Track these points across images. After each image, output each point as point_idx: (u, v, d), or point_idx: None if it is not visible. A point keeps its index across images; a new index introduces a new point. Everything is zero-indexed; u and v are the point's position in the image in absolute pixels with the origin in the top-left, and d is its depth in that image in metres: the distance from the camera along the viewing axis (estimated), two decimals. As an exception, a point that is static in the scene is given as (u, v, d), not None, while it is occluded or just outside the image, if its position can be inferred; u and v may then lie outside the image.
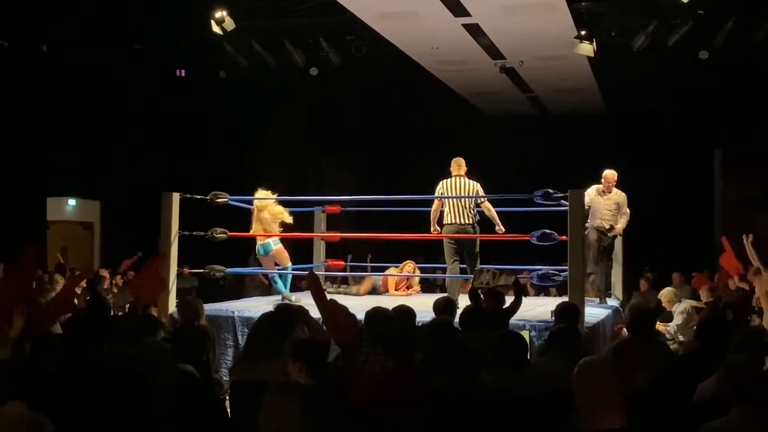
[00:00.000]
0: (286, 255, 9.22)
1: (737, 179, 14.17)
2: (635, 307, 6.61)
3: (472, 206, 8.59)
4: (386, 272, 10.48)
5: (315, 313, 5.70)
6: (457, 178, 8.64)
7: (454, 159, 8.79)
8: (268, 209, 9.04)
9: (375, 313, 5.36)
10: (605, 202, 9.58)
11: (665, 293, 9.71)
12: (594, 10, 10.58)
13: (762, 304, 8.70)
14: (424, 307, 6.71)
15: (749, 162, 13.82)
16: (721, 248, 10.15)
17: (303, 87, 13.25)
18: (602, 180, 9.61)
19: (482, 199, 8.66)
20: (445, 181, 8.66)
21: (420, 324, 5.83)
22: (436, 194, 8.65)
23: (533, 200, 8.53)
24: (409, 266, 10.34)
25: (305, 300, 8.81)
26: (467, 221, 8.53)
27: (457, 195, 8.53)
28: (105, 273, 11.24)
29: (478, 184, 8.64)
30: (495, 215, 8.80)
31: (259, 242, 9.13)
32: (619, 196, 9.65)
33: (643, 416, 2.83)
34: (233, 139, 14.56)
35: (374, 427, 3.79)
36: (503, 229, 8.87)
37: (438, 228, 8.74)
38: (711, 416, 3.64)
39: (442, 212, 8.64)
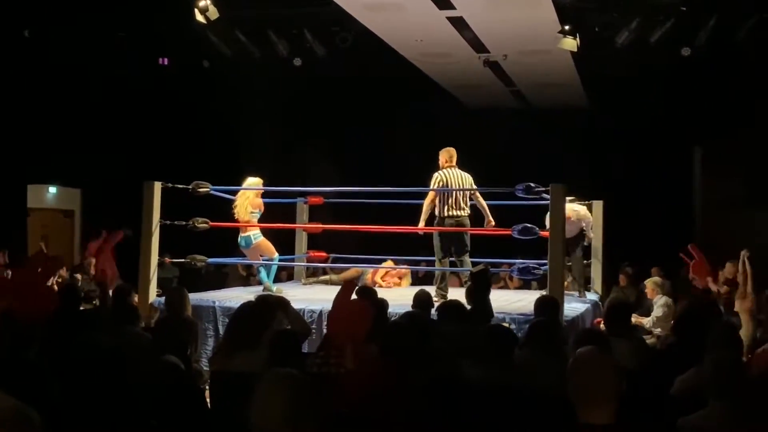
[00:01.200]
0: (270, 247, 9.18)
1: (717, 176, 14.26)
2: (611, 301, 6.68)
3: (467, 197, 8.58)
4: (383, 265, 10.41)
5: (297, 304, 5.71)
6: (451, 169, 8.60)
7: (446, 149, 8.72)
8: (250, 200, 9.01)
9: None
10: None
11: (650, 282, 9.80)
12: (578, 5, 10.61)
13: (742, 319, 8.88)
14: (405, 299, 6.75)
15: (729, 159, 13.91)
16: (690, 256, 10.26)
17: (287, 77, 13.22)
18: None
19: (475, 190, 8.65)
20: (441, 172, 8.59)
21: (392, 317, 5.85)
22: (434, 185, 8.56)
23: (514, 194, 8.58)
24: (389, 263, 10.32)
25: (287, 291, 8.85)
26: (462, 213, 8.52)
27: (455, 186, 8.48)
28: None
29: (470, 176, 8.63)
30: (486, 207, 8.81)
31: (240, 234, 9.11)
32: None
33: (630, 412, 2.84)
34: (216, 128, 14.52)
35: (357, 422, 3.81)
36: (493, 222, 8.86)
37: (426, 223, 8.66)
38: (688, 410, 3.69)
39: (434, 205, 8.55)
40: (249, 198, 9.00)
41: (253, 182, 9.15)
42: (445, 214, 8.50)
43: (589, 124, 14.70)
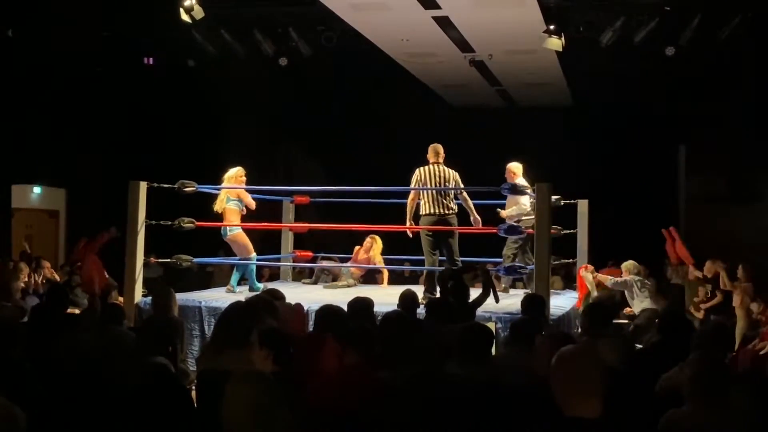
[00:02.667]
0: (247, 243, 8.96)
1: (701, 174, 14.35)
2: (591, 302, 6.72)
3: (451, 195, 8.37)
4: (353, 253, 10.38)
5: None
6: (435, 165, 8.39)
7: (432, 145, 8.55)
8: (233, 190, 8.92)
9: (328, 310, 5.34)
10: None
11: (627, 264, 9.88)
12: (562, 5, 10.66)
13: (737, 315, 9.00)
14: (391, 298, 6.75)
15: (713, 158, 14.00)
16: (670, 238, 10.41)
17: (272, 77, 13.21)
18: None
19: (461, 189, 8.46)
20: (422, 168, 8.40)
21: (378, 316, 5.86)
22: (413, 182, 8.36)
23: (500, 192, 8.60)
24: (368, 242, 10.22)
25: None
26: (446, 211, 8.26)
27: (435, 184, 8.27)
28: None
29: (456, 173, 8.46)
30: (471, 206, 8.70)
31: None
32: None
33: (617, 406, 2.87)
34: (201, 127, 14.49)
35: (333, 421, 3.82)
36: (479, 220, 8.78)
37: (413, 221, 8.49)
38: (671, 408, 3.72)
39: (418, 203, 8.37)
40: (230, 192, 8.91)
41: (232, 172, 9.05)
42: (423, 212, 8.32)
43: (574, 122, 14.75)
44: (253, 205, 9.07)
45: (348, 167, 13.64)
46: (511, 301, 7.97)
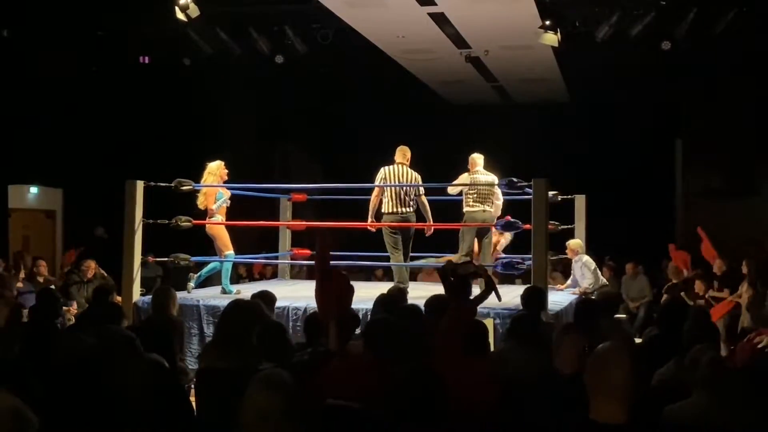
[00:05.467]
0: (226, 239, 8.71)
1: (698, 169, 14.36)
2: (579, 300, 6.72)
3: (412, 196, 8.57)
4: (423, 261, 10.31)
5: (281, 302, 5.69)
6: (400, 165, 8.58)
7: (400, 147, 8.76)
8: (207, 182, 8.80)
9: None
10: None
11: (572, 242, 9.94)
12: (558, 0, 10.66)
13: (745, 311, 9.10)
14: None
15: (710, 152, 14.01)
16: (698, 238, 10.46)
17: (268, 75, 13.20)
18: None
19: (421, 192, 8.64)
20: (387, 168, 8.60)
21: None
22: (378, 180, 8.56)
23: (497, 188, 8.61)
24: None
25: (272, 288, 8.82)
26: (409, 210, 8.51)
27: (396, 182, 8.46)
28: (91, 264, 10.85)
29: (419, 176, 8.63)
30: (429, 211, 8.80)
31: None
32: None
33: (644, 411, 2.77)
34: (198, 126, 14.46)
35: (346, 418, 3.82)
36: (432, 228, 8.87)
37: (374, 219, 8.66)
38: (669, 401, 3.72)
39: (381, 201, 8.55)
40: (207, 181, 8.77)
41: (214, 165, 8.90)
42: (386, 210, 8.50)
43: (571, 118, 14.77)
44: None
45: (345, 164, 13.64)
46: (510, 297, 7.98)
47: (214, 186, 8.71)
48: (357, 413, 3.74)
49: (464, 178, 9.10)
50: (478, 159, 9.16)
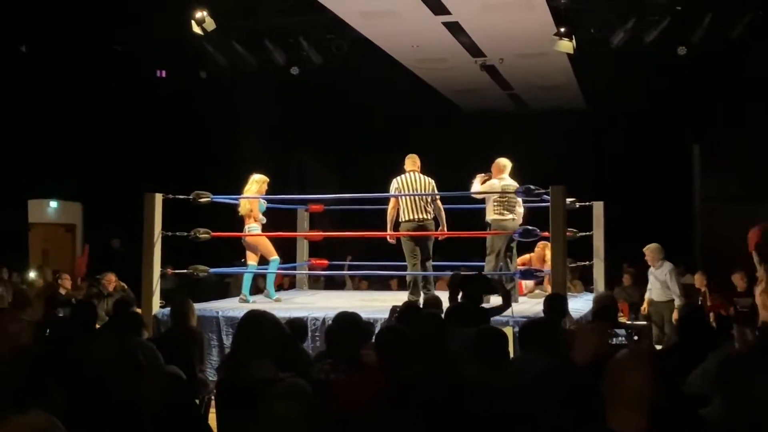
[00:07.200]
0: (265, 246, 8.90)
1: (716, 174, 14.29)
2: (599, 296, 6.68)
3: (429, 201, 8.51)
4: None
5: (299, 312, 5.70)
6: (412, 173, 8.55)
7: (409, 156, 8.75)
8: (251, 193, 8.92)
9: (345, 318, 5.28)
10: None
11: (650, 247, 9.84)
12: (572, 7, 10.65)
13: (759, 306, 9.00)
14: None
15: (727, 157, 13.95)
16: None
17: (284, 86, 13.25)
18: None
19: (437, 197, 8.60)
20: (399, 178, 8.56)
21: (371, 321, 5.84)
22: (392, 191, 8.55)
23: (515, 196, 8.59)
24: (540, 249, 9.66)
25: (290, 298, 8.84)
26: (427, 217, 8.44)
27: (414, 190, 8.42)
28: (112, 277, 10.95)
29: (432, 180, 8.59)
30: (444, 216, 8.75)
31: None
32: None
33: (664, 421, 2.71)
34: (214, 139, 14.54)
35: (359, 427, 3.82)
36: (445, 232, 8.83)
37: (393, 229, 8.62)
38: (697, 407, 3.69)
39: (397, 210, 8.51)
40: (251, 192, 8.93)
41: (257, 178, 9.04)
42: (404, 218, 8.45)
43: (587, 125, 14.73)
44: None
45: (361, 174, 13.65)
46: (526, 306, 7.96)
47: (251, 198, 8.80)
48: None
49: (494, 185, 8.78)
50: (506, 164, 8.88)
